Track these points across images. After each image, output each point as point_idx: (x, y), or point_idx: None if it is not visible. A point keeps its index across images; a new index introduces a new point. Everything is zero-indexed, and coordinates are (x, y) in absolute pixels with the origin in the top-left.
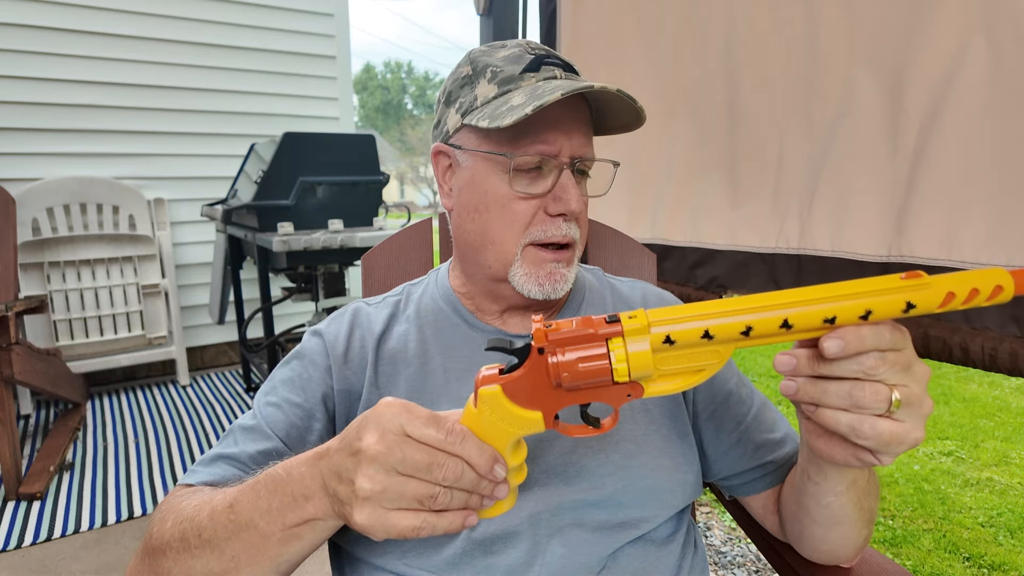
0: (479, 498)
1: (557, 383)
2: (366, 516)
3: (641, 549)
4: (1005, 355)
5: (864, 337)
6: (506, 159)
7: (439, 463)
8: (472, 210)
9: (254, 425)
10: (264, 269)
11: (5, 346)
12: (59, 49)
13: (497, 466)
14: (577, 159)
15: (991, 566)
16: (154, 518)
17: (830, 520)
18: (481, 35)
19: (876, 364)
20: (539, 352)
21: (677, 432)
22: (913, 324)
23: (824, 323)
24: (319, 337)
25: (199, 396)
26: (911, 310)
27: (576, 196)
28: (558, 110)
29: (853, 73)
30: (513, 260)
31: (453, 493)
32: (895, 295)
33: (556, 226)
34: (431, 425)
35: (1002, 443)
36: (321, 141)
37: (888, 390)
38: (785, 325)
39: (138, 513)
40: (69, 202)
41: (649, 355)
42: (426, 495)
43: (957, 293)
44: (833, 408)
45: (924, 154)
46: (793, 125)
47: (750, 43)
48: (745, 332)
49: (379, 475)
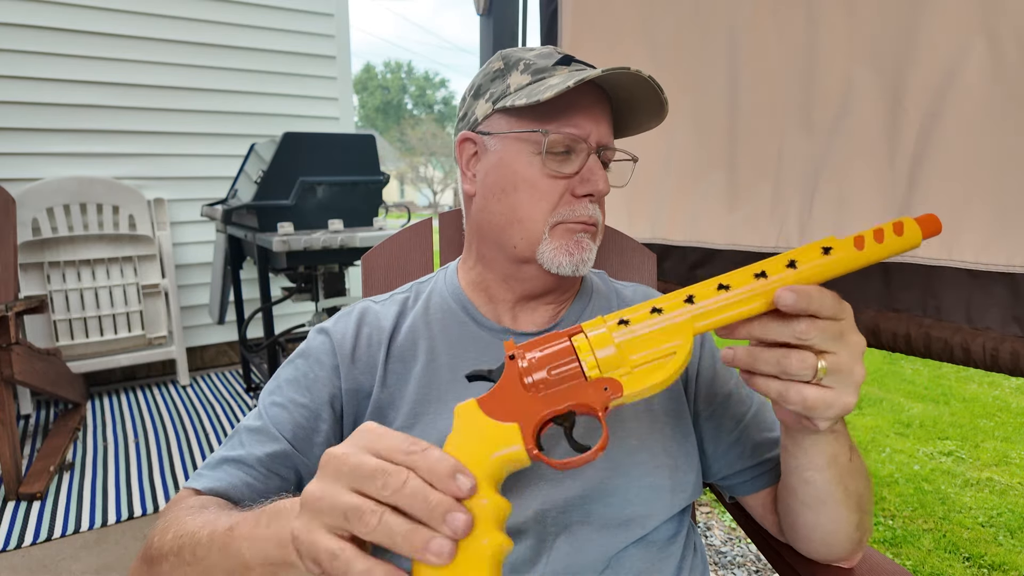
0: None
1: (529, 379)
2: (301, 523)
3: (643, 550)
4: (1006, 355)
5: (812, 296)
6: (540, 136)
7: (383, 469)
8: (499, 191)
9: (260, 426)
10: (264, 269)
11: (5, 346)
12: (59, 49)
13: (459, 474)
14: (603, 147)
15: (991, 566)
16: (158, 525)
17: (816, 499)
18: (481, 35)
19: (807, 329)
20: (510, 358)
21: (680, 432)
22: (915, 324)
23: (755, 277)
24: (326, 335)
25: (199, 396)
26: (828, 252)
27: (603, 177)
28: (588, 98)
29: (853, 73)
30: (541, 239)
31: (384, 515)
32: (814, 246)
33: (583, 206)
34: (396, 438)
35: (1002, 443)
36: (321, 141)
37: (814, 358)
38: (722, 287)
39: (138, 513)
40: (69, 202)
41: (608, 336)
42: (352, 508)
43: (865, 237)
44: (764, 375)
45: (924, 154)
46: (793, 125)
47: (750, 44)
48: (688, 299)
49: (326, 483)
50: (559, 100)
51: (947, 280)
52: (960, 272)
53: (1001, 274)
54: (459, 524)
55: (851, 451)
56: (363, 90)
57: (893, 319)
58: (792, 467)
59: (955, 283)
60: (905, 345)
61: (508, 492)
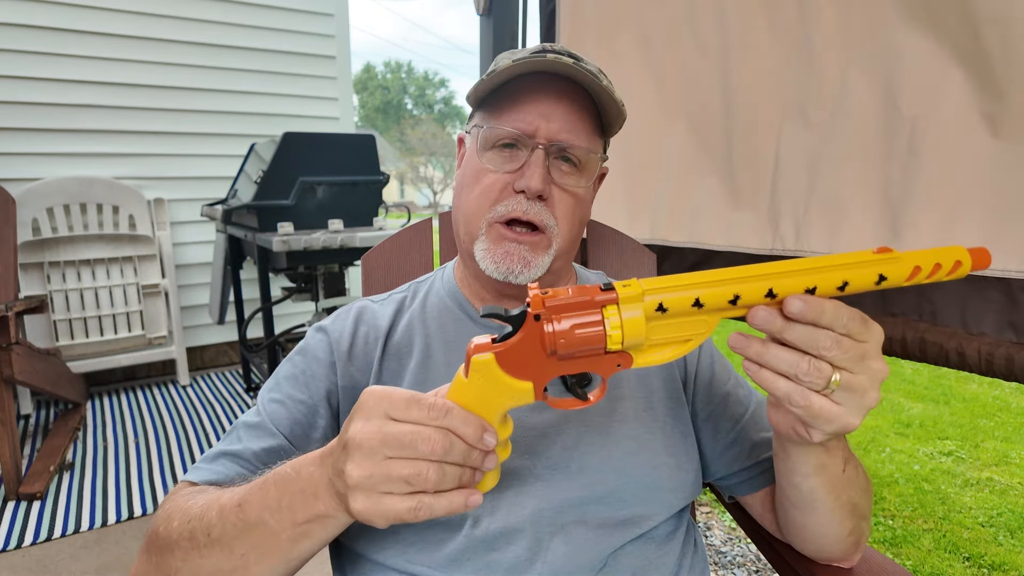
0: (471, 472)
1: (552, 351)
2: (360, 503)
3: (641, 548)
4: (1001, 360)
5: (824, 310)
6: (477, 130)
7: (424, 436)
8: (459, 188)
9: (258, 422)
10: (264, 269)
11: (5, 346)
12: (59, 49)
13: (486, 435)
14: (556, 143)
15: (991, 566)
16: (158, 516)
17: (804, 504)
18: (481, 35)
19: (830, 345)
20: (535, 319)
21: (679, 431)
22: (910, 329)
23: (806, 293)
24: (323, 333)
25: (199, 396)
26: (883, 282)
27: (539, 175)
28: (540, 92)
29: (848, 74)
30: (478, 235)
31: (445, 468)
32: (869, 268)
33: (517, 201)
34: (412, 405)
35: (1002, 443)
36: (321, 141)
37: (831, 370)
38: (770, 294)
39: (138, 513)
40: (69, 202)
41: (642, 322)
42: (413, 473)
43: (923, 267)
44: (775, 372)
45: (919, 155)
46: (789, 126)
47: (746, 45)
48: (733, 300)
49: (364, 460)
50: (507, 94)
51: (943, 285)
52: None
53: (996, 279)
54: (491, 464)
55: (846, 463)
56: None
57: (889, 323)
58: (780, 470)
59: (951, 288)
60: (901, 349)
61: (505, 492)
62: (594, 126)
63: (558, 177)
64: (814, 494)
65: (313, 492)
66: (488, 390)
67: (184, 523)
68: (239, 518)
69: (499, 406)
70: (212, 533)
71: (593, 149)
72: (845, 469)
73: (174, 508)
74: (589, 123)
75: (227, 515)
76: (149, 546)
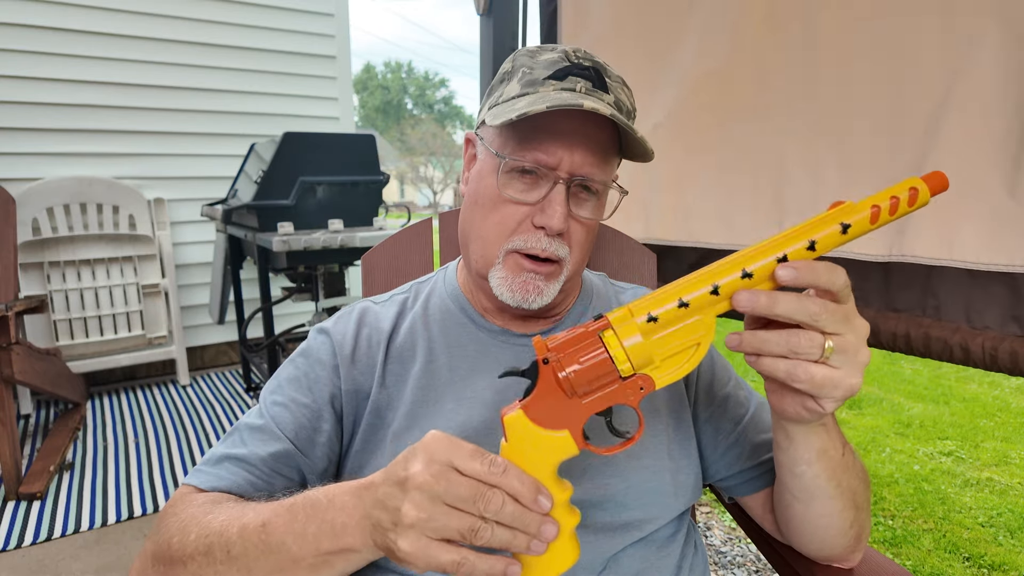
0: (526, 538)
1: (570, 389)
2: (410, 543)
3: (642, 550)
4: (1005, 354)
5: (816, 269)
6: (494, 157)
7: (482, 494)
8: (472, 202)
9: (262, 425)
10: (264, 269)
11: (5, 346)
12: (59, 49)
13: (541, 496)
14: (577, 177)
15: (991, 566)
16: (171, 527)
17: (806, 493)
18: (481, 35)
19: (819, 310)
20: (544, 363)
21: (681, 435)
22: (914, 325)
23: (777, 263)
24: (326, 336)
25: (199, 396)
26: (848, 230)
27: (560, 214)
28: (564, 123)
29: (852, 72)
30: (494, 262)
31: (495, 528)
32: (830, 222)
33: (538, 239)
34: (476, 458)
35: (1002, 443)
36: (321, 141)
37: (822, 338)
38: (746, 275)
39: (138, 513)
40: (69, 202)
41: (639, 336)
42: (467, 528)
43: (881, 206)
44: (772, 356)
45: (924, 154)
46: (791, 125)
47: (748, 44)
48: (714, 291)
49: (425, 503)
50: (531, 122)
51: (947, 280)
52: (960, 272)
53: (1001, 274)
54: (550, 534)
55: (843, 447)
56: (363, 90)
57: (893, 319)
58: (783, 462)
59: (955, 283)
60: (905, 345)
61: None
62: (615, 152)
63: (576, 208)
64: (816, 481)
65: (343, 523)
66: (529, 449)
67: (202, 537)
68: (261, 539)
69: (545, 464)
70: (232, 551)
71: (613, 179)
72: (844, 453)
73: (190, 520)
74: (612, 151)
75: (249, 535)
76: (158, 555)
